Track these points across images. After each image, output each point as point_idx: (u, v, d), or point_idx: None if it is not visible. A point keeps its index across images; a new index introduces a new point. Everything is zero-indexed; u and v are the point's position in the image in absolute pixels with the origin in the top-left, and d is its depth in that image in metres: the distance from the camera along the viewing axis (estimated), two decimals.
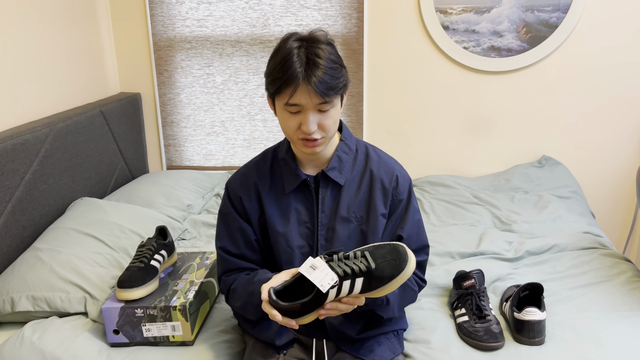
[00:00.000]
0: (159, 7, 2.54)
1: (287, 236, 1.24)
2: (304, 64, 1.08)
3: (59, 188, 1.96)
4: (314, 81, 1.07)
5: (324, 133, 1.15)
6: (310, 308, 1.04)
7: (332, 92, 1.10)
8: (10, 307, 1.51)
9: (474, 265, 1.73)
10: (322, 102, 1.10)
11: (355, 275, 1.02)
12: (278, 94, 1.12)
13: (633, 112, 2.42)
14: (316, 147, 1.16)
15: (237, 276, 1.28)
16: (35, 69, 2.02)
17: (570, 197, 2.23)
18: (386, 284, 1.03)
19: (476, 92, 2.50)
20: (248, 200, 1.27)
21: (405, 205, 1.28)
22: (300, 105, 1.10)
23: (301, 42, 1.11)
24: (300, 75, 1.08)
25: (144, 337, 1.38)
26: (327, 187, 1.24)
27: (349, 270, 1.02)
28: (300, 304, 1.03)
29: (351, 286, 1.02)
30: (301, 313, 1.05)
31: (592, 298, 1.53)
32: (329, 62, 1.10)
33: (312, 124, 1.11)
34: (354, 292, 1.03)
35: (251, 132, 2.69)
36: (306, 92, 1.09)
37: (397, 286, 1.04)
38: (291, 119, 1.13)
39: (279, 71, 1.09)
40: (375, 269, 1.02)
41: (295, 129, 1.14)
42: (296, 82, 1.08)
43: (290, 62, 1.08)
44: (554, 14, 2.33)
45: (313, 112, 1.11)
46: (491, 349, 1.32)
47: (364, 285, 1.03)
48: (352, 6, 2.45)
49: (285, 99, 1.10)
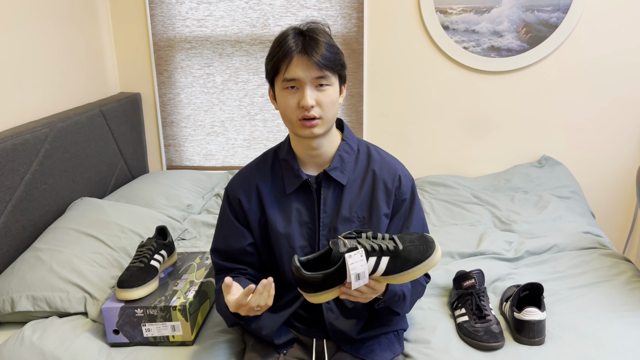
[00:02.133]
0: (159, 7, 2.54)
1: (289, 237, 1.24)
2: (300, 39, 1.13)
3: (59, 188, 1.96)
4: (310, 52, 1.11)
5: (322, 112, 1.15)
6: (332, 282, 1.02)
7: (330, 65, 1.13)
8: (10, 307, 1.51)
9: (474, 265, 1.73)
10: (320, 75, 1.12)
11: (382, 253, 1.02)
12: (276, 74, 1.15)
13: (633, 112, 2.42)
14: (314, 127, 1.15)
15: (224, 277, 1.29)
16: (35, 69, 2.02)
17: (570, 197, 2.23)
18: (411, 268, 1.01)
19: (476, 92, 2.50)
20: (248, 202, 1.27)
21: (409, 204, 1.28)
22: (297, 79, 1.12)
23: (298, 27, 1.16)
24: (296, 48, 1.12)
25: (144, 337, 1.38)
26: (329, 187, 1.24)
27: (377, 247, 1.02)
28: (323, 274, 1.02)
29: (376, 264, 1.01)
30: (322, 287, 1.03)
31: (592, 298, 1.53)
32: (325, 38, 1.14)
33: (310, 98, 1.13)
34: (378, 271, 1.02)
35: (251, 132, 2.69)
36: (303, 64, 1.12)
37: (421, 273, 1.03)
38: (290, 97, 1.15)
39: (275, 49, 1.14)
40: (402, 250, 1.02)
41: (294, 107, 1.15)
42: (291, 55, 1.12)
43: (287, 40, 1.13)
44: (554, 14, 2.33)
45: (311, 87, 1.13)
46: (491, 349, 1.32)
47: (389, 265, 1.01)
48: (352, 6, 2.45)
49: (282, 75, 1.13)
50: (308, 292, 1.04)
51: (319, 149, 1.22)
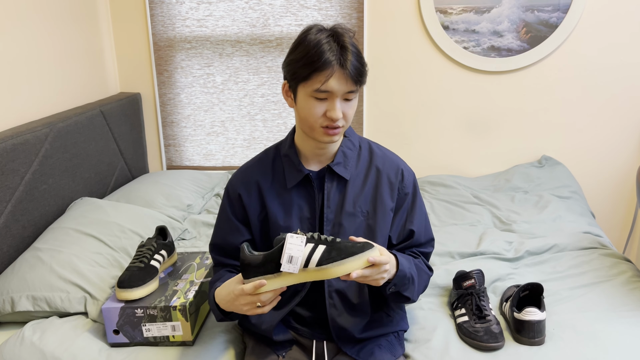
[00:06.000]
0: (159, 7, 2.54)
1: (289, 230, 1.25)
2: (337, 51, 1.11)
3: (59, 188, 1.96)
4: (348, 67, 1.10)
5: (345, 122, 1.17)
6: (271, 268, 1.05)
7: (362, 80, 1.14)
8: (10, 307, 1.51)
9: (474, 265, 1.73)
10: (353, 89, 1.13)
11: (319, 242, 1.05)
12: (307, 80, 1.12)
13: (633, 112, 2.42)
14: (336, 135, 1.17)
15: (221, 272, 1.31)
16: (35, 69, 2.02)
17: (570, 197, 2.23)
18: (344, 259, 1.03)
19: (476, 92, 2.50)
20: (248, 197, 1.28)
21: (412, 199, 1.30)
22: (330, 92, 1.12)
23: (329, 32, 1.14)
24: (336, 61, 1.10)
25: (144, 337, 1.38)
26: (333, 182, 1.25)
27: (317, 236, 1.06)
28: (263, 254, 1.05)
29: (312, 251, 1.04)
30: (261, 271, 1.06)
31: (592, 298, 1.53)
32: (356, 49, 1.14)
33: (339, 111, 1.13)
34: (312, 260, 1.04)
35: (251, 132, 2.69)
36: (341, 78, 1.11)
37: (355, 267, 1.03)
38: (317, 105, 1.14)
39: (312, 56, 1.10)
40: (339, 242, 1.05)
41: (319, 115, 1.14)
42: (332, 68, 1.09)
43: (324, 49, 1.10)
44: (554, 14, 2.33)
45: (340, 100, 1.14)
46: (491, 349, 1.32)
47: (324, 254, 1.04)
48: (352, 6, 2.45)
49: (316, 85, 1.11)
50: (249, 277, 1.07)
51: (328, 147, 1.24)
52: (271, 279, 1.06)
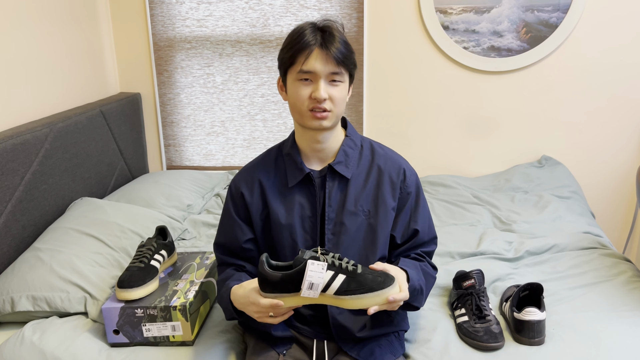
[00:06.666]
0: (159, 7, 2.54)
1: (290, 228, 1.25)
2: (319, 34, 1.16)
3: (59, 188, 1.96)
4: (329, 47, 1.14)
5: (333, 106, 1.18)
6: (287, 287, 1.04)
7: (346, 61, 1.16)
8: (10, 307, 1.51)
9: (474, 265, 1.73)
10: (336, 71, 1.15)
11: (340, 271, 1.05)
12: (292, 64, 1.17)
13: (633, 112, 2.42)
14: (324, 120, 1.18)
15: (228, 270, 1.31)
16: (35, 69, 2.02)
17: (570, 197, 2.23)
18: (363, 294, 1.04)
19: (476, 92, 2.50)
20: (250, 195, 1.29)
21: (415, 198, 1.31)
22: (313, 72, 1.15)
23: (314, 23, 1.19)
24: (316, 42, 1.15)
25: (144, 337, 1.38)
26: (334, 181, 1.26)
27: (338, 264, 1.05)
28: (281, 274, 1.05)
29: (332, 279, 1.04)
30: (278, 288, 1.05)
31: (592, 298, 1.53)
32: (342, 36, 1.18)
33: (324, 91, 1.15)
34: (331, 287, 1.04)
35: (251, 132, 2.69)
36: (322, 58, 1.15)
37: (372, 303, 1.04)
38: (303, 88, 1.17)
39: (294, 40, 1.16)
40: (360, 274, 1.05)
41: (306, 98, 1.17)
42: (311, 48, 1.14)
43: (306, 33, 1.16)
44: (554, 14, 2.33)
45: (325, 82, 1.16)
46: (491, 349, 1.32)
47: (343, 284, 1.04)
48: (352, 6, 2.45)
49: (299, 67, 1.15)
50: (265, 291, 1.07)
51: (324, 142, 1.24)
52: (288, 298, 1.06)
